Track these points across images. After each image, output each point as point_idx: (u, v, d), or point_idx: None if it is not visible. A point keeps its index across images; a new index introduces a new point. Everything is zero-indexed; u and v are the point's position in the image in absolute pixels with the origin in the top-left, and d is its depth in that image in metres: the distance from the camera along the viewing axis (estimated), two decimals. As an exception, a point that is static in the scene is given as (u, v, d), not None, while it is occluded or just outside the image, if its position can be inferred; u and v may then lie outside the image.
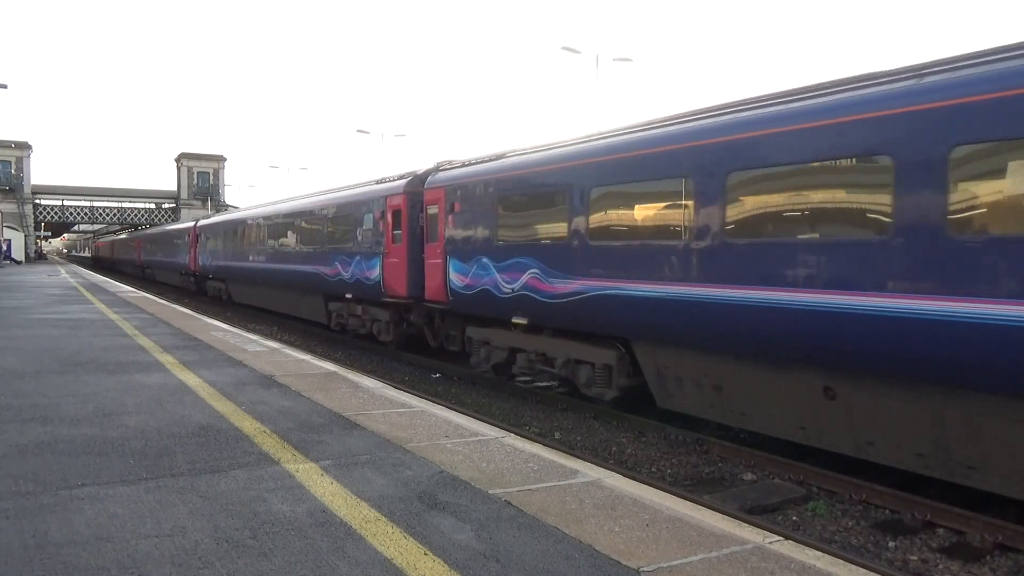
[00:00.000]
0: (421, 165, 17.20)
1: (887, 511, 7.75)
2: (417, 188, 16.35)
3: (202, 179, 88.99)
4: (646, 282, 9.83)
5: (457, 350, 15.68)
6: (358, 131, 51.93)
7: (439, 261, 14.94)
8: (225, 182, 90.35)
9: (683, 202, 9.30)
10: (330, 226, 20.78)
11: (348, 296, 19.69)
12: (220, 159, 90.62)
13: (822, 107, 7.97)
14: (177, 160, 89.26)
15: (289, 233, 24.16)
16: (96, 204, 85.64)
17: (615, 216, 10.61)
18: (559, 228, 11.54)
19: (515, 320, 12.68)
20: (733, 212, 8.73)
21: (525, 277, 12.13)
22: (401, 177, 17.46)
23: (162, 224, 70.02)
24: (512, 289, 12.46)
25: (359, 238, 18.69)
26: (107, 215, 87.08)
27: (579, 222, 11.06)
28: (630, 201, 10.41)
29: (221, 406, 7.81)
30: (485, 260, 13.31)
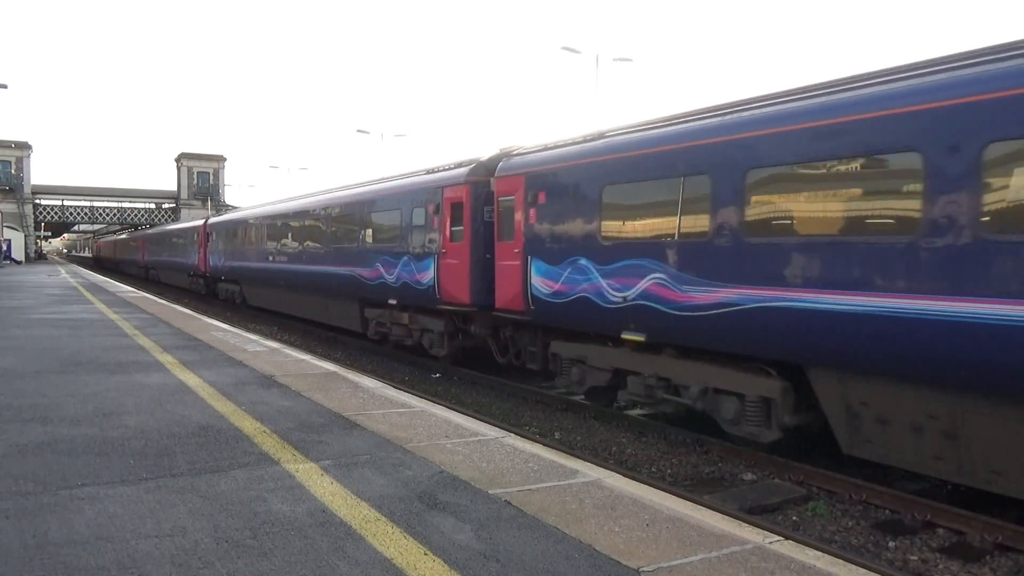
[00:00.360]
0: (483, 152, 15.35)
1: (887, 511, 7.76)
2: (482, 177, 13.99)
3: (202, 179, 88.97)
4: (840, 292, 7.56)
5: (537, 369, 13.16)
6: (358, 131, 51.93)
7: (516, 263, 12.59)
8: (225, 182, 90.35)
9: (911, 185, 7.15)
10: (369, 222, 18.31)
11: (392, 302, 17.10)
12: (220, 159, 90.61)
13: None
14: (177, 160, 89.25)
15: (317, 230, 21.60)
16: (96, 204, 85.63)
17: (788, 205, 8.29)
18: (696, 222, 9.24)
19: (626, 336, 10.35)
20: (996, 197, 6.50)
21: (644, 283, 9.89)
22: (460, 165, 15.06)
23: (163, 224, 69.82)
24: (624, 298, 10.21)
25: (407, 236, 16.23)
26: (107, 215, 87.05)
27: (728, 214, 8.78)
28: (815, 185, 7.98)
29: (221, 406, 7.81)
30: (584, 262, 10.99)
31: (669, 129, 10.06)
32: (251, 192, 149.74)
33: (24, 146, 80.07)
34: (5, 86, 39.25)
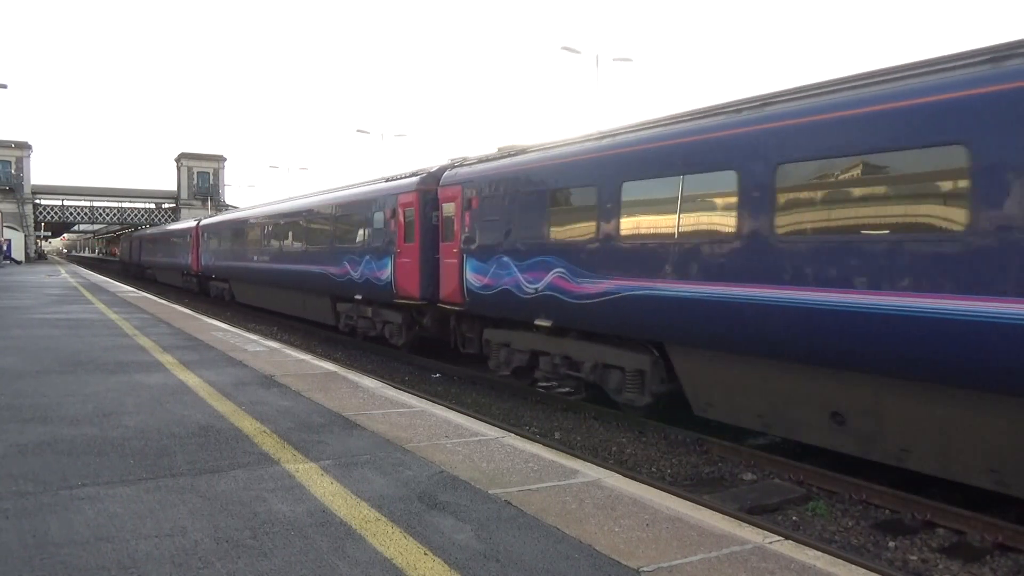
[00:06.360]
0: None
1: (887, 511, 7.75)
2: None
3: (202, 179, 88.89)
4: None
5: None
6: (358, 131, 52.06)
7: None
8: (225, 182, 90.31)
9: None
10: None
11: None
12: (220, 159, 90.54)
13: None
14: (177, 160, 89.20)
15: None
16: (96, 204, 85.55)
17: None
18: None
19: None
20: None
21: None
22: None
23: (162, 224, 69.54)
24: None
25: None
26: (107, 215, 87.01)
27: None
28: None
29: (221, 406, 7.81)
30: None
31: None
32: (251, 192, 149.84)
33: (24, 146, 79.97)
34: (5, 86, 39.30)
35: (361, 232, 18.55)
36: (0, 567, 3.82)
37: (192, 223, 39.72)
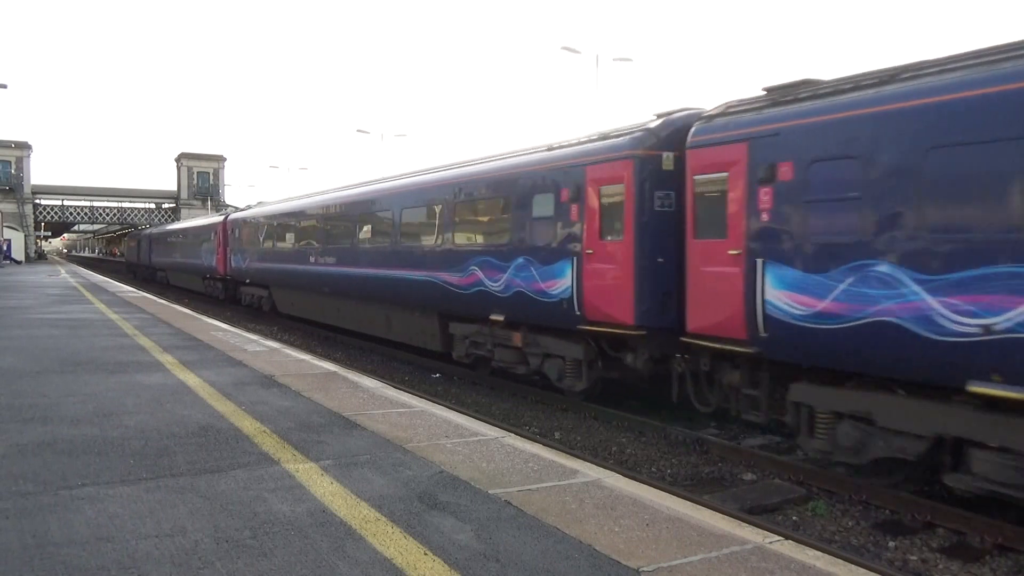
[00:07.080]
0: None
1: (887, 511, 7.76)
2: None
3: (202, 179, 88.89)
4: None
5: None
6: (358, 131, 52.15)
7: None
8: (225, 182, 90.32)
9: None
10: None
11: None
12: (220, 159, 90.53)
13: None
14: (177, 160, 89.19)
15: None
16: (96, 204, 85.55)
17: None
18: None
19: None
20: None
21: None
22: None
23: (162, 224, 69.39)
24: None
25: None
26: (107, 215, 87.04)
27: None
28: None
29: (221, 406, 7.81)
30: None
31: None
32: (251, 192, 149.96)
33: (24, 146, 79.95)
34: (5, 86, 39.31)
35: (506, 223, 13.09)
36: (0, 567, 3.82)
37: (218, 217, 34.11)
